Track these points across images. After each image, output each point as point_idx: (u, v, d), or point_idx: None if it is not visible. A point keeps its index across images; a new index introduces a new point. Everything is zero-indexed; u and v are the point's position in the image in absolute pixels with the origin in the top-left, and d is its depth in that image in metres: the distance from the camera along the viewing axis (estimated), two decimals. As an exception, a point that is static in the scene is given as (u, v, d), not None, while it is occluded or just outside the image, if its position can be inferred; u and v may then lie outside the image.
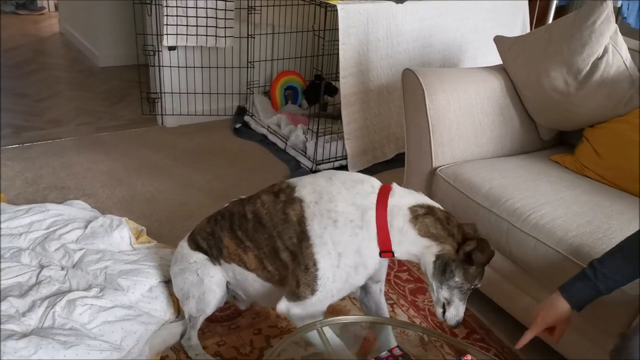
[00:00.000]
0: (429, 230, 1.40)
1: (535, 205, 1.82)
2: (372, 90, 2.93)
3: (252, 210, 1.60)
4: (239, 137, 3.49)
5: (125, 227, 2.24)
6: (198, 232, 1.80)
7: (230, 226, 1.67)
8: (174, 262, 1.83)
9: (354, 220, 1.41)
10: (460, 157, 2.16)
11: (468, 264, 1.40)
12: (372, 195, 1.43)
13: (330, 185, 1.47)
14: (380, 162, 3.12)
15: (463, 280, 1.42)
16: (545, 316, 1.42)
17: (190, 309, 1.76)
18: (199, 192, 2.82)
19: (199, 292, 1.73)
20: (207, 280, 1.72)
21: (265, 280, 1.64)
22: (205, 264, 1.74)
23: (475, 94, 2.17)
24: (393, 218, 1.40)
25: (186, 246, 1.81)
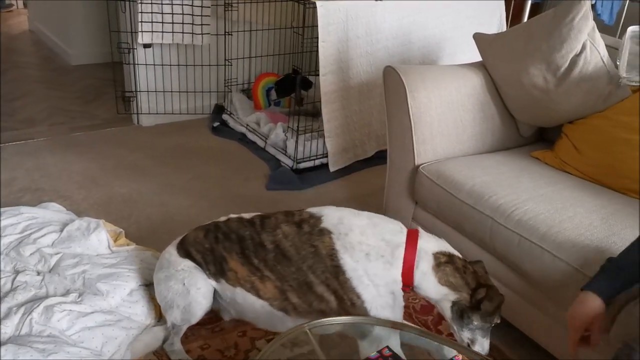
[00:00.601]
0: (449, 279, 1.48)
1: (518, 201, 1.83)
2: (353, 87, 2.92)
3: (273, 240, 1.57)
4: (217, 136, 3.44)
5: (103, 229, 2.18)
6: (192, 244, 1.74)
7: (242, 251, 1.62)
8: (159, 268, 1.77)
9: (385, 255, 1.48)
10: (442, 155, 2.17)
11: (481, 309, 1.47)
12: (401, 235, 1.51)
13: (359, 220, 1.53)
14: (361, 159, 3.12)
15: (481, 322, 1.48)
16: (581, 316, 1.37)
17: (174, 318, 1.72)
18: (179, 193, 2.77)
19: (185, 303, 1.68)
20: (193, 292, 1.67)
21: (279, 309, 1.60)
22: (193, 273, 1.68)
23: (456, 91, 2.18)
24: (420, 260, 1.48)
25: (174, 253, 1.76)
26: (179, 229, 2.44)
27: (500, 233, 1.80)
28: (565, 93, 2.07)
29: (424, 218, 2.17)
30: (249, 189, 2.87)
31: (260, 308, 1.64)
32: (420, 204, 2.18)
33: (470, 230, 1.92)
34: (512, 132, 2.32)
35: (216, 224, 1.73)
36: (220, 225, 1.71)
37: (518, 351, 1.91)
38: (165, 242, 2.35)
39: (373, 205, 2.75)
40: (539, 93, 2.11)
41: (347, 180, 3.02)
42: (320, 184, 2.95)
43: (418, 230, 1.56)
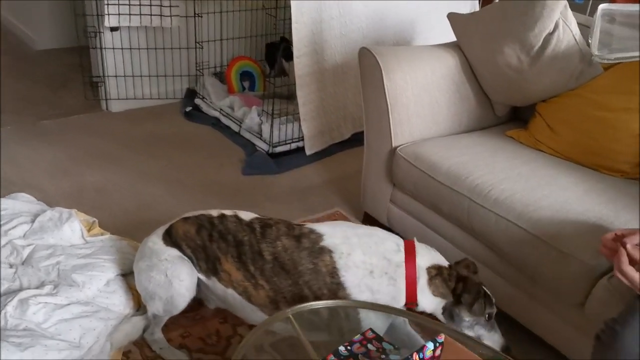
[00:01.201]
0: (439, 290, 1.53)
1: (495, 181, 1.85)
2: (327, 70, 2.89)
3: (272, 252, 1.56)
4: (190, 121, 3.38)
5: (76, 219, 2.13)
6: (182, 238, 1.68)
7: (239, 256, 1.59)
8: (141, 257, 1.72)
9: (388, 272, 1.51)
10: (419, 136, 2.17)
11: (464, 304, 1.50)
12: (400, 254, 1.53)
13: (359, 238, 1.54)
14: (337, 142, 3.11)
15: (473, 316, 1.51)
16: None
17: (156, 309, 1.69)
18: (152, 180, 2.73)
19: (167, 295, 1.65)
20: (176, 284, 1.63)
21: (269, 315, 1.59)
22: (176, 264, 1.64)
23: (432, 72, 2.18)
24: (419, 278, 1.52)
25: (159, 241, 1.70)
26: (155, 218, 2.41)
27: (478, 213, 1.82)
28: (538, 72, 2.09)
29: (401, 200, 2.18)
30: (225, 174, 2.84)
31: (250, 311, 1.63)
32: (397, 186, 2.18)
33: (448, 210, 1.94)
34: (487, 112, 2.34)
35: (210, 220, 1.67)
36: (216, 223, 1.66)
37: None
38: (141, 230, 2.31)
39: (351, 188, 2.75)
40: (513, 73, 2.13)
41: (324, 164, 3.01)
42: (297, 168, 2.93)
43: (413, 243, 1.57)
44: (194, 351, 1.74)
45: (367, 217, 2.45)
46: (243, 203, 2.59)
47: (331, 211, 2.57)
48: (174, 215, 1.89)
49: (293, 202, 2.64)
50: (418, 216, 2.13)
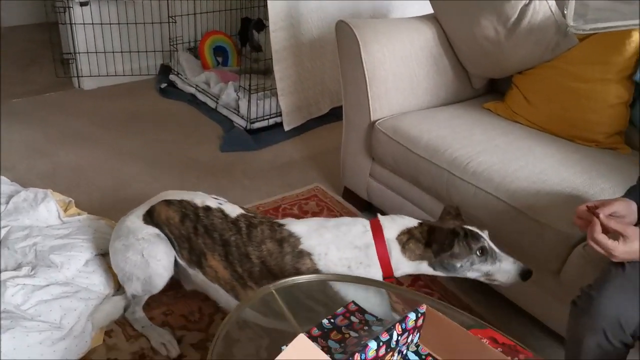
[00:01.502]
0: (415, 253, 1.52)
1: (473, 153, 1.87)
2: (304, 44, 2.86)
3: (259, 256, 1.55)
4: (165, 97, 3.33)
5: (52, 199, 2.10)
6: (165, 223, 1.65)
7: (226, 255, 1.58)
8: (117, 236, 1.70)
9: (363, 262, 1.51)
10: (398, 110, 2.17)
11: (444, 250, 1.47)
12: (367, 234, 1.53)
13: (330, 232, 1.54)
14: (316, 117, 3.09)
15: (463, 258, 1.47)
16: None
17: (134, 290, 1.68)
18: (128, 159, 2.68)
19: (144, 275, 1.63)
20: (153, 264, 1.62)
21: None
22: (153, 243, 1.62)
23: (410, 45, 2.17)
24: (391, 251, 1.52)
25: (138, 221, 1.68)
26: (132, 196, 2.38)
27: (457, 185, 1.84)
28: (515, 44, 2.09)
29: (381, 174, 2.19)
30: (202, 151, 2.81)
31: (234, 303, 1.62)
32: (377, 160, 2.19)
33: (427, 184, 1.95)
34: (464, 84, 2.34)
35: (195, 210, 1.64)
36: (201, 216, 1.63)
37: (473, 296, 1.98)
38: (119, 210, 2.29)
39: (330, 163, 2.75)
40: (490, 45, 2.13)
41: (303, 139, 3.00)
42: (276, 144, 2.92)
43: (378, 220, 1.57)
44: (176, 329, 1.74)
45: (347, 191, 2.46)
46: (222, 180, 2.57)
47: (311, 186, 2.57)
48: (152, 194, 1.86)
49: (272, 178, 2.63)
50: (397, 190, 2.14)
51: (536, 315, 1.79)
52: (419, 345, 1.22)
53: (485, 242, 1.48)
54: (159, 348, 1.66)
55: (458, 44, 2.24)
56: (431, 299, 1.55)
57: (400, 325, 1.14)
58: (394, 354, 1.16)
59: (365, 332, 1.21)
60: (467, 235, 1.47)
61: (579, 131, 1.99)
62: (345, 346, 1.16)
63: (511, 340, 1.24)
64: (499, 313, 1.91)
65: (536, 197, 1.68)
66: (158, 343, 1.66)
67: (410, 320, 1.16)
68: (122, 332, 1.71)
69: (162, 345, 1.66)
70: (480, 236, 1.49)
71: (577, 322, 1.30)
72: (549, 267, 1.65)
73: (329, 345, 1.18)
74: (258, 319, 1.39)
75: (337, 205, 2.43)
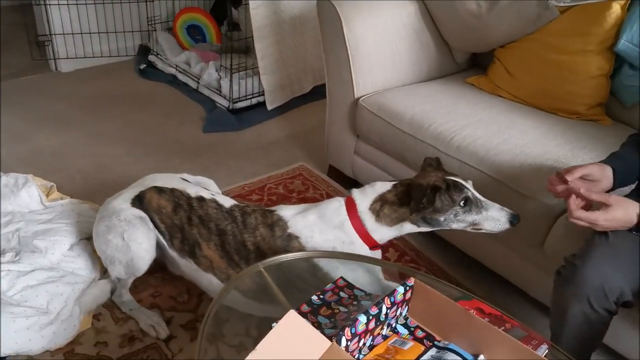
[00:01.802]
0: (392, 217, 1.50)
1: (457, 128, 1.88)
2: (285, 21, 2.82)
3: (254, 242, 1.55)
4: (145, 78, 3.28)
5: (33, 184, 2.06)
6: (156, 211, 1.64)
7: (222, 244, 1.58)
8: (100, 217, 1.68)
9: (345, 240, 1.51)
10: (381, 86, 2.16)
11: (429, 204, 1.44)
12: (342, 209, 1.53)
13: (314, 216, 1.54)
14: (298, 96, 3.07)
15: (447, 211, 1.44)
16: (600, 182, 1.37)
17: (118, 273, 1.67)
18: (110, 142, 2.65)
19: (126, 259, 1.62)
20: (134, 247, 1.60)
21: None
22: (135, 225, 1.60)
23: (392, 20, 2.15)
24: (365, 223, 1.50)
25: (125, 204, 1.65)
26: (115, 179, 2.36)
27: (442, 160, 1.84)
28: (496, 17, 2.09)
29: (365, 150, 2.19)
30: (185, 132, 2.78)
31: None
32: (362, 137, 2.19)
33: (412, 159, 1.96)
34: (447, 59, 2.34)
35: (189, 201, 1.63)
36: (195, 206, 1.62)
37: (459, 270, 2.01)
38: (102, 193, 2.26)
39: (314, 141, 2.74)
40: (472, 18, 2.12)
41: (286, 118, 2.98)
42: (259, 123, 2.90)
43: (351, 195, 1.55)
44: (165, 310, 1.74)
45: (332, 169, 2.46)
46: (206, 161, 2.55)
47: (296, 165, 2.56)
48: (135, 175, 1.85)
49: (257, 158, 2.61)
50: (382, 166, 2.15)
51: (521, 286, 1.82)
52: (408, 317, 1.23)
53: (468, 192, 1.44)
54: (148, 330, 1.66)
55: (440, 18, 2.23)
56: (419, 272, 1.57)
57: (389, 298, 1.15)
58: (384, 327, 1.17)
59: (355, 307, 1.22)
60: (449, 187, 1.43)
61: (560, 103, 2.00)
62: (335, 321, 1.17)
63: (498, 311, 1.25)
64: (485, 286, 1.94)
65: (520, 170, 1.69)
66: (147, 325, 1.66)
67: (398, 294, 1.17)
68: (110, 315, 1.71)
69: (151, 327, 1.66)
70: (464, 186, 1.45)
71: (561, 291, 1.32)
72: (533, 238, 1.68)
73: (319, 321, 1.18)
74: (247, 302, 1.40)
75: (323, 184, 2.43)
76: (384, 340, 1.17)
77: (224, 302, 1.26)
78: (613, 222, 1.27)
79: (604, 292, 1.25)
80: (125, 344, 1.62)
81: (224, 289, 1.27)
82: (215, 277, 1.62)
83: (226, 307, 1.31)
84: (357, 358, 1.11)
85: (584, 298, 1.26)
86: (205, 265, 1.62)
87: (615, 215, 1.25)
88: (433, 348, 1.13)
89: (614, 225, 1.27)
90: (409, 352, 1.12)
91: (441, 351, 1.11)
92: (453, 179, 1.46)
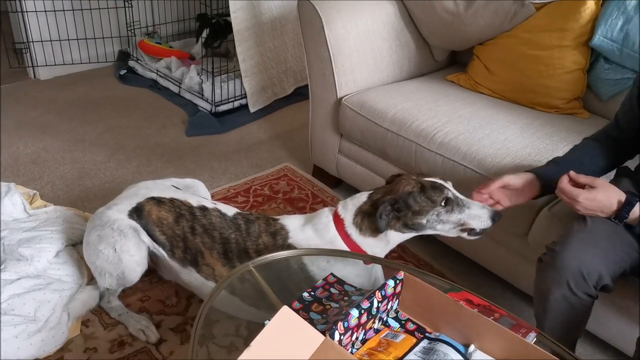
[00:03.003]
0: (372, 229, 1.48)
1: (439, 124, 1.90)
2: (265, 23, 2.83)
3: (255, 249, 1.55)
4: (125, 84, 3.26)
5: (16, 192, 2.04)
6: (156, 223, 1.62)
7: (225, 253, 1.57)
8: (92, 227, 1.65)
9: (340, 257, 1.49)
10: (363, 85, 2.18)
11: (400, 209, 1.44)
12: (330, 225, 1.52)
13: (311, 230, 1.54)
14: (281, 98, 3.08)
15: (428, 213, 1.42)
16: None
17: (109, 284, 1.66)
18: (91, 148, 2.63)
19: (117, 271, 1.61)
20: (126, 259, 1.59)
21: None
22: (127, 236, 1.58)
23: (372, 20, 2.18)
24: (353, 237, 1.50)
25: (118, 213, 1.62)
26: (98, 185, 2.34)
27: (425, 156, 1.87)
28: (474, 15, 2.12)
29: (349, 149, 2.21)
30: (167, 136, 2.77)
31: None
32: (345, 136, 2.20)
33: (396, 156, 1.98)
34: (427, 57, 2.37)
35: (190, 210, 1.62)
36: (198, 216, 1.61)
37: (441, 261, 2.04)
38: (85, 199, 2.25)
39: (298, 142, 2.75)
40: (450, 16, 2.15)
41: (269, 120, 2.98)
42: (242, 126, 2.90)
43: (337, 208, 1.55)
44: (154, 314, 1.74)
45: (317, 169, 2.47)
46: (190, 165, 2.55)
47: (280, 166, 2.57)
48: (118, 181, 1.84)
49: (241, 160, 2.62)
50: (367, 164, 2.16)
51: (505, 277, 1.85)
52: (399, 311, 1.25)
53: (448, 192, 1.43)
54: (138, 334, 1.65)
55: (419, 17, 2.26)
56: (408, 266, 1.59)
57: (380, 292, 1.16)
58: (375, 321, 1.18)
59: (346, 303, 1.23)
60: (424, 189, 1.42)
61: (539, 98, 2.04)
62: (326, 317, 1.18)
63: (486, 301, 1.28)
64: (470, 278, 1.97)
65: (502, 164, 1.73)
66: (136, 329, 1.66)
67: (389, 287, 1.18)
68: (99, 320, 1.70)
69: (141, 331, 1.65)
70: (444, 187, 1.43)
71: (542, 277, 1.35)
72: (516, 229, 1.71)
73: (310, 317, 1.19)
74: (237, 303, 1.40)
75: (308, 184, 2.45)
76: (375, 334, 1.18)
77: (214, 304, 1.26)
78: (593, 202, 1.30)
79: (582, 276, 1.28)
80: (115, 349, 1.61)
81: (215, 289, 1.27)
82: (216, 284, 1.61)
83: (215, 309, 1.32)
84: (350, 352, 1.12)
85: (564, 282, 1.29)
86: (207, 273, 1.62)
87: (597, 196, 1.29)
88: (424, 340, 1.14)
89: (594, 207, 1.31)
90: (400, 344, 1.13)
91: (432, 342, 1.13)
92: (431, 180, 1.45)
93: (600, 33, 1.93)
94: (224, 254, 1.59)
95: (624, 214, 1.29)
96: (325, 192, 2.38)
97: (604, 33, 1.92)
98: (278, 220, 1.60)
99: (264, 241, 1.57)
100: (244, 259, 1.56)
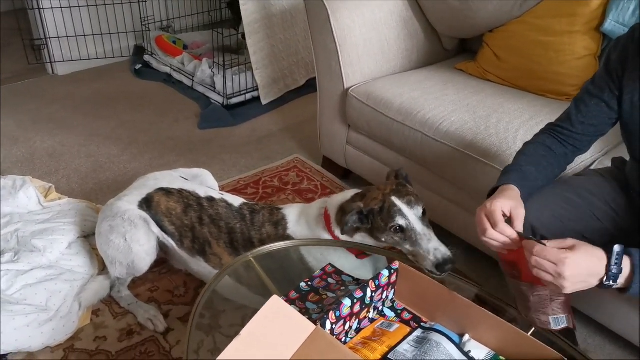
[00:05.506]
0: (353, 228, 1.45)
1: (445, 113, 1.88)
2: (275, 15, 2.84)
3: (259, 239, 1.58)
4: (140, 78, 3.30)
5: (30, 185, 2.09)
6: (165, 214, 1.65)
7: (231, 242, 1.61)
8: (103, 218, 1.68)
9: (329, 247, 1.50)
10: (370, 75, 2.17)
11: (363, 221, 1.41)
12: (320, 219, 1.53)
13: (305, 224, 1.56)
14: (293, 89, 3.08)
15: (384, 234, 1.37)
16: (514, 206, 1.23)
17: (119, 273, 1.69)
18: (105, 141, 2.68)
19: (127, 260, 1.64)
20: (136, 249, 1.62)
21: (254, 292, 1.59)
22: (137, 226, 1.62)
23: (379, 9, 2.16)
24: (335, 230, 1.49)
25: (128, 204, 1.65)
26: (112, 178, 2.38)
27: (431, 145, 1.86)
28: (482, 1, 2.09)
29: (357, 140, 2.20)
30: (180, 130, 2.80)
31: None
32: (352, 127, 2.20)
33: (402, 145, 1.97)
34: (436, 46, 2.34)
35: (199, 201, 1.66)
36: (205, 206, 1.65)
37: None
38: (100, 192, 2.30)
39: (309, 134, 2.76)
40: (458, 3, 2.12)
41: (281, 112, 2.99)
42: (254, 118, 2.91)
43: (327, 202, 1.55)
44: (163, 304, 1.77)
45: (326, 160, 2.47)
46: (201, 157, 2.58)
47: (290, 158, 2.58)
48: (131, 174, 1.87)
49: (252, 152, 2.63)
50: (374, 154, 2.16)
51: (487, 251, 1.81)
52: (395, 301, 1.25)
53: (402, 220, 1.32)
54: (146, 323, 1.68)
55: (427, 5, 2.23)
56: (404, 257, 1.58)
57: (374, 282, 1.17)
58: (370, 310, 1.19)
59: (342, 293, 1.24)
60: (382, 210, 1.35)
61: (549, 85, 2.00)
62: (322, 307, 1.19)
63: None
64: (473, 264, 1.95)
65: (508, 153, 1.70)
66: (144, 319, 1.69)
67: (383, 277, 1.18)
68: (108, 310, 1.74)
69: (149, 321, 1.68)
70: (398, 214, 1.33)
71: None
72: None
73: (306, 306, 1.20)
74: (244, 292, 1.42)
75: (317, 175, 2.45)
76: (370, 323, 1.19)
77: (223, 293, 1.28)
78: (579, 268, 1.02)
79: (532, 230, 1.29)
80: (123, 338, 1.65)
81: (215, 278, 1.29)
82: None
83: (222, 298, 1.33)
84: (343, 341, 1.13)
85: None
86: (215, 262, 1.65)
87: (580, 260, 1.02)
88: (419, 329, 1.15)
89: (581, 273, 1.03)
90: (395, 333, 1.14)
91: (426, 332, 1.13)
92: (395, 202, 1.34)
93: (612, 18, 1.88)
94: (230, 243, 1.62)
95: (613, 272, 1.02)
96: (335, 183, 2.39)
97: (615, 17, 1.87)
98: (281, 209, 1.62)
99: (267, 231, 1.59)
100: (249, 249, 1.58)
